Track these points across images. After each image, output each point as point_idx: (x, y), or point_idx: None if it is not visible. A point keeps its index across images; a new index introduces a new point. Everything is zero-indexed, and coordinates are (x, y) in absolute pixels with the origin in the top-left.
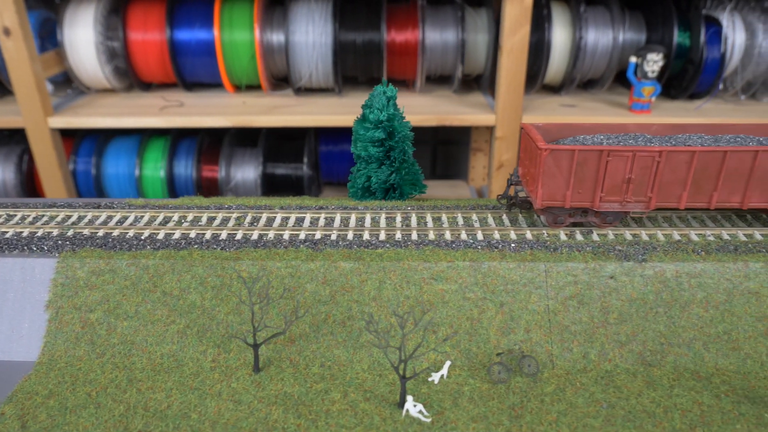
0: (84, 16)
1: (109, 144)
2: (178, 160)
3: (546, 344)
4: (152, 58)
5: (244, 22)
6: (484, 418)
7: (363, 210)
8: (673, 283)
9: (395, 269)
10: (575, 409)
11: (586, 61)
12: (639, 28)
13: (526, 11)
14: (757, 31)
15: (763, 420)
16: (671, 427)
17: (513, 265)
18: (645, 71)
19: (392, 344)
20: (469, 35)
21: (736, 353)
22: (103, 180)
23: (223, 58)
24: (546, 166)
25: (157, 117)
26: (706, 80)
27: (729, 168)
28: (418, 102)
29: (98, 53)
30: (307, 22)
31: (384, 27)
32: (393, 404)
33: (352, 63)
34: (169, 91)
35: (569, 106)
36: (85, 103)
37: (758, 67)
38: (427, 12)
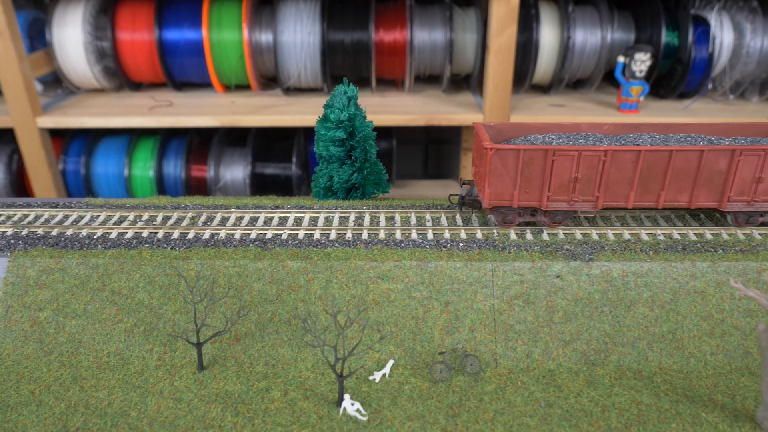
0: (73, 15)
1: (98, 144)
2: (167, 160)
3: (490, 343)
4: (141, 57)
5: (233, 22)
6: (420, 417)
7: (318, 210)
8: (619, 282)
9: (342, 268)
10: (513, 408)
11: (574, 61)
12: (628, 27)
13: (513, 11)
14: (745, 30)
15: (699, 419)
16: (607, 426)
17: (460, 265)
18: (633, 71)
19: (329, 343)
20: (457, 35)
21: (680, 352)
22: (92, 180)
23: (211, 58)
24: (492, 166)
25: (146, 117)
26: (695, 80)
27: (675, 167)
28: (407, 102)
29: (87, 53)
30: (295, 22)
31: (372, 27)
32: (332, 403)
33: (340, 63)
34: (158, 91)
35: (558, 105)
36: (75, 103)
37: (746, 66)
38: (415, 12)
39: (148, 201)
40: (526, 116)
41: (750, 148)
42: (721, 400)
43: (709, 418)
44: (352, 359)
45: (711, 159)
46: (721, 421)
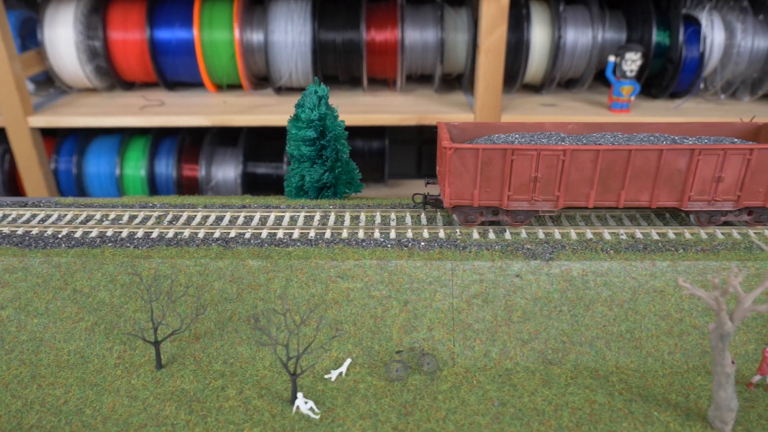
0: (64, 15)
1: (90, 143)
2: (159, 160)
3: (448, 342)
4: (133, 57)
5: (224, 22)
6: (373, 416)
7: (284, 209)
8: (579, 281)
9: (303, 267)
10: (466, 406)
11: (565, 61)
12: (619, 27)
13: (503, 11)
14: (736, 30)
15: (651, 418)
16: (558, 425)
17: (420, 264)
18: (623, 70)
19: (283, 342)
20: (448, 35)
21: (637, 352)
22: (84, 179)
23: (203, 58)
24: (452, 165)
25: (137, 116)
26: (686, 79)
27: (635, 167)
28: (399, 101)
29: (79, 52)
30: (286, 22)
31: (363, 26)
32: (286, 401)
33: (332, 62)
34: (150, 91)
35: (549, 105)
36: (66, 103)
37: (737, 66)
38: (406, 11)
39: (117, 200)
40: (518, 116)
41: (709, 147)
42: (675, 399)
43: (661, 417)
44: (310, 358)
45: (670, 158)
46: (673, 420)
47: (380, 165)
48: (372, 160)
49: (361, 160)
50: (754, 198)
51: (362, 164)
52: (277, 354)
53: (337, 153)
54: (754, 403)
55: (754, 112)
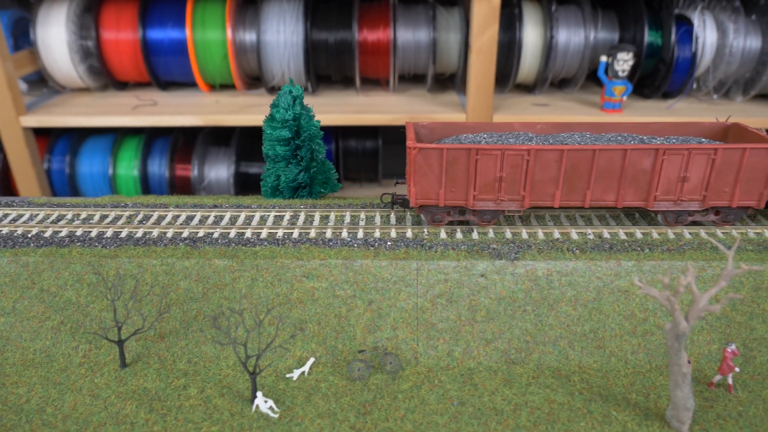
0: (57, 15)
1: (83, 143)
2: (152, 159)
3: (411, 342)
4: (126, 57)
5: (217, 22)
6: (331, 415)
7: (255, 209)
8: (543, 281)
9: (268, 267)
10: (426, 406)
11: (557, 61)
12: (612, 27)
13: (494, 11)
14: (728, 30)
15: (609, 418)
16: (516, 424)
17: (385, 263)
18: (616, 70)
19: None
20: (440, 34)
21: (600, 351)
22: (77, 179)
23: (195, 58)
24: (417, 165)
25: (129, 116)
26: (678, 79)
27: (600, 167)
28: (391, 101)
29: (71, 52)
30: (279, 22)
31: (356, 26)
32: (247, 400)
33: (324, 62)
34: (144, 91)
35: (541, 105)
36: (59, 102)
37: (729, 66)
38: (398, 11)
39: (90, 200)
40: (510, 116)
41: (673, 147)
42: (635, 399)
43: (619, 417)
44: (273, 357)
45: (635, 158)
46: (631, 419)
47: (374, 164)
48: (366, 159)
49: (355, 159)
50: (720, 198)
51: (356, 164)
52: (236, 353)
53: (312, 153)
54: (714, 403)
55: (746, 113)
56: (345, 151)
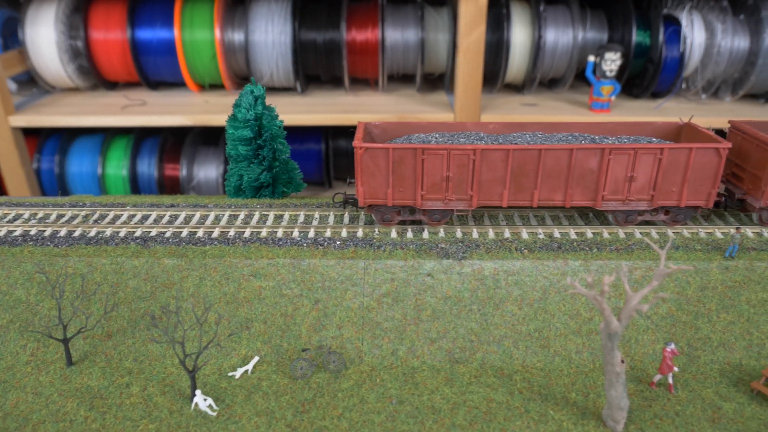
0: (46, 15)
1: (73, 143)
2: (141, 159)
3: (356, 341)
4: (115, 57)
5: (205, 22)
6: (269, 413)
7: (211, 208)
8: (490, 281)
9: (217, 266)
10: (364, 404)
11: (546, 61)
12: (601, 27)
13: (481, 11)
14: (716, 30)
15: (546, 417)
16: (452, 423)
17: (333, 263)
18: (603, 70)
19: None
20: (429, 34)
21: (545, 351)
22: (66, 179)
23: (184, 58)
24: (364, 165)
25: (118, 116)
26: (667, 79)
27: (546, 166)
28: (380, 101)
29: (60, 52)
30: (267, 22)
31: (344, 26)
32: (188, 398)
33: (313, 62)
34: (133, 90)
35: (530, 105)
36: (49, 102)
37: (718, 66)
38: (387, 11)
39: (50, 199)
40: (498, 115)
41: (619, 147)
42: (574, 398)
43: (556, 416)
44: (219, 356)
45: (581, 158)
46: (568, 418)
47: None
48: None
49: (345, 159)
50: (668, 198)
51: (346, 163)
52: (175, 351)
53: (275, 152)
54: (653, 402)
55: (734, 113)
56: (335, 150)
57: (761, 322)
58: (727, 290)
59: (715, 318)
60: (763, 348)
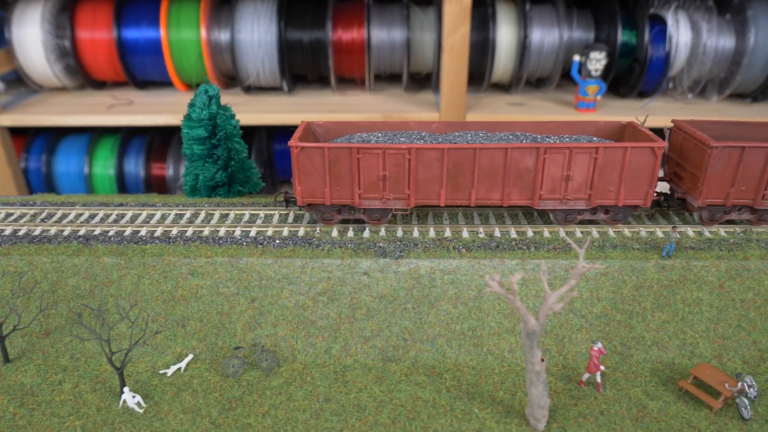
0: (32, 14)
1: (60, 142)
2: (128, 158)
3: (291, 339)
4: (102, 56)
5: (191, 21)
6: (195, 411)
7: (158, 207)
8: (426, 279)
9: (155, 264)
10: (291, 402)
11: (532, 60)
12: (587, 26)
13: (465, 10)
14: (702, 30)
15: (470, 415)
16: (375, 420)
17: (270, 261)
18: (589, 70)
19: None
20: (415, 34)
21: (478, 349)
22: (54, 178)
23: (171, 57)
24: (301, 164)
25: (105, 115)
26: (653, 78)
27: (482, 165)
28: (367, 100)
29: (47, 52)
30: (252, 21)
31: (330, 25)
32: (118, 395)
33: (299, 61)
34: (121, 90)
35: (516, 104)
36: (36, 102)
37: (703, 65)
38: (373, 11)
39: (2, 198)
40: (484, 115)
41: (554, 146)
42: (501, 397)
43: (480, 415)
44: (154, 354)
45: (517, 157)
46: (492, 417)
47: None
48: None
49: None
50: (605, 197)
51: None
52: (104, 349)
53: (230, 152)
54: (579, 401)
55: (720, 112)
56: None
57: (695, 321)
58: (662, 289)
59: (650, 317)
60: (696, 347)
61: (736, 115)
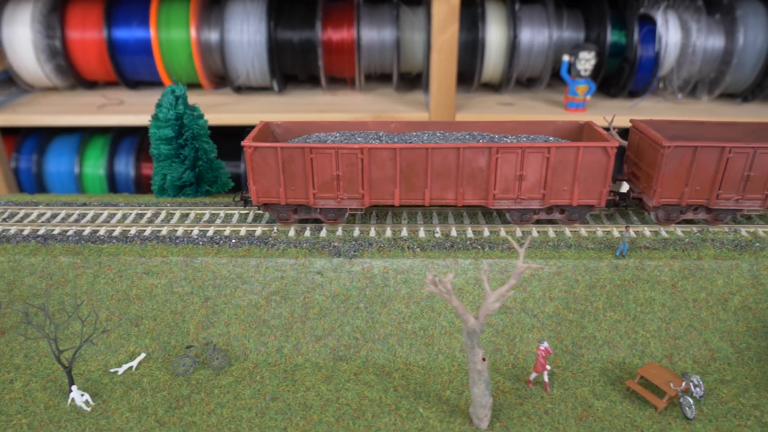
0: (22, 14)
1: (51, 142)
2: (118, 158)
3: (243, 338)
4: (92, 56)
5: (181, 21)
6: (142, 409)
7: (121, 206)
8: (379, 279)
9: (111, 264)
10: (238, 401)
11: (521, 60)
12: (578, 26)
13: (454, 10)
14: (692, 30)
15: (414, 414)
16: (319, 419)
17: (225, 261)
18: (578, 70)
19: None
20: (405, 34)
21: (429, 349)
22: (44, 177)
23: (161, 57)
24: (255, 164)
25: (95, 115)
26: (643, 78)
27: (435, 165)
28: (357, 100)
29: (37, 52)
30: (242, 21)
31: (320, 25)
32: (67, 394)
33: (290, 61)
34: (112, 90)
35: (506, 104)
36: (27, 102)
37: (693, 65)
38: (363, 11)
39: None
40: (474, 114)
41: (506, 146)
42: (447, 396)
43: (425, 414)
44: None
45: (469, 157)
46: (436, 416)
47: None
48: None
49: None
50: (559, 196)
51: None
52: (51, 348)
53: (197, 152)
54: (525, 400)
55: (710, 112)
56: None
57: (647, 321)
58: (615, 289)
59: (602, 316)
60: (648, 347)
61: (727, 115)
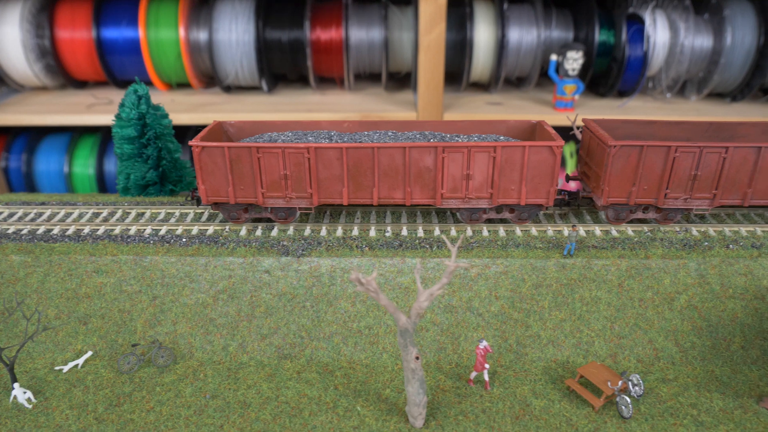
0: (11, 14)
1: (41, 141)
2: (108, 158)
3: (189, 336)
4: (81, 56)
5: (170, 21)
6: (83, 406)
7: (78, 205)
8: (326, 278)
9: (62, 262)
10: (179, 399)
11: (510, 59)
12: (566, 26)
13: (441, 9)
14: (680, 29)
15: (351, 412)
16: (256, 417)
17: (174, 259)
18: (566, 69)
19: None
20: (393, 33)
21: (373, 347)
22: (34, 177)
23: (150, 57)
24: (203, 163)
25: (84, 114)
26: (632, 78)
27: (382, 165)
28: (346, 100)
29: (26, 51)
30: (231, 21)
31: (308, 25)
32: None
33: (278, 61)
34: (102, 89)
35: (495, 104)
36: (16, 101)
37: (681, 65)
38: (351, 10)
39: None
40: (462, 114)
41: (453, 145)
42: (387, 395)
43: (362, 412)
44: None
45: (416, 156)
46: (372, 414)
47: None
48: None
49: None
50: (508, 196)
51: None
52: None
53: (160, 151)
54: (464, 399)
55: (699, 111)
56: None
57: (592, 320)
58: (561, 288)
59: (547, 315)
60: (592, 346)
61: (716, 114)
